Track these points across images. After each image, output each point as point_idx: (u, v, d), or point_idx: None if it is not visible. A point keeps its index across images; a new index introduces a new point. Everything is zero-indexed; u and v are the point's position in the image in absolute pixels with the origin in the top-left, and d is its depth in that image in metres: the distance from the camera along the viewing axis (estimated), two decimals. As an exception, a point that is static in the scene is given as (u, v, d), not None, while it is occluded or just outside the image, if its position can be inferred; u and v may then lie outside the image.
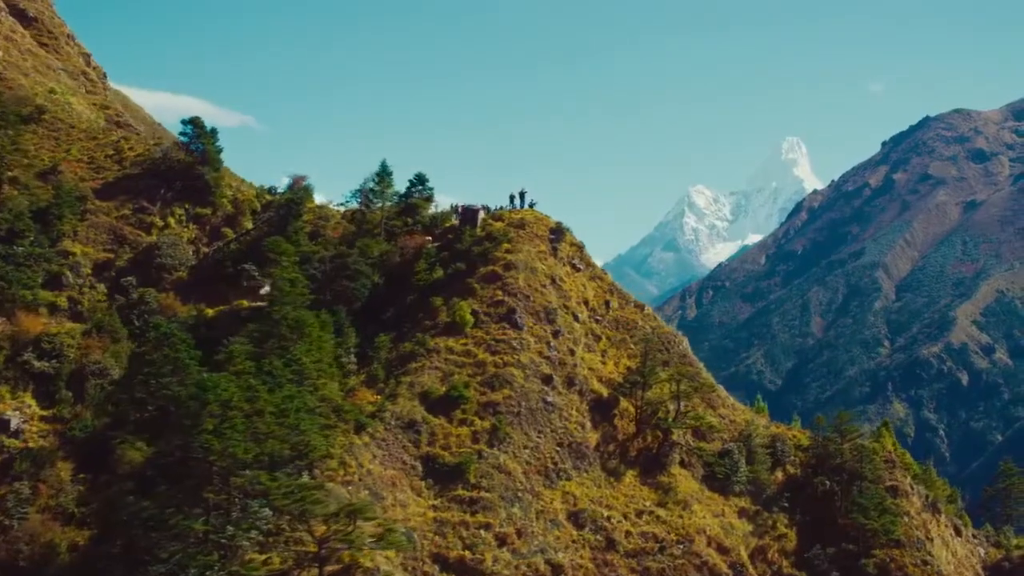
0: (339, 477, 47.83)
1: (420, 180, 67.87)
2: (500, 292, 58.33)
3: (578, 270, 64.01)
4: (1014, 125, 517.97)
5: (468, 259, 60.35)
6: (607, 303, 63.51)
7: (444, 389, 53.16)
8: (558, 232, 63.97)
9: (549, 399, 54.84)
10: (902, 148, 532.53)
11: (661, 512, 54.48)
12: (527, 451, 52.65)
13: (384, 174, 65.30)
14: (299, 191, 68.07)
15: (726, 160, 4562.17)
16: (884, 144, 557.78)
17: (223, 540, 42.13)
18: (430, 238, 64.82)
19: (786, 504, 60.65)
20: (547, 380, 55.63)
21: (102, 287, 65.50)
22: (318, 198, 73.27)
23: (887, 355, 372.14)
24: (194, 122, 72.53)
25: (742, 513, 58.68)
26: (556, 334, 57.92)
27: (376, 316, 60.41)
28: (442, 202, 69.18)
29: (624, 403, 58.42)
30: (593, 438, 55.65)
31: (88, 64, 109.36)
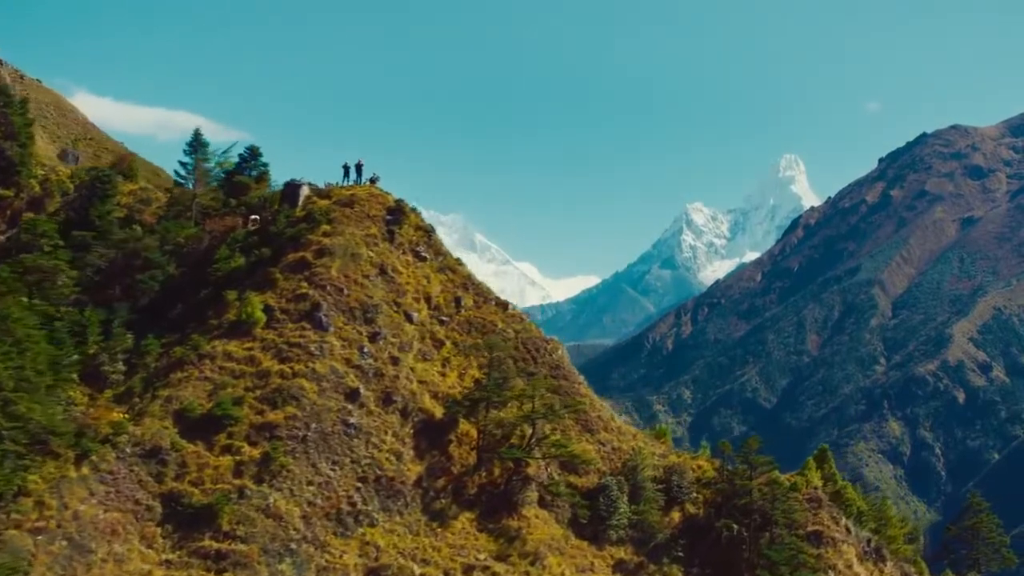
0: (31, 522, 34.43)
1: (252, 155, 54.75)
2: (305, 284, 44.86)
3: (423, 259, 50.36)
4: (1011, 141, 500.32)
5: (277, 244, 47.00)
6: (458, 300, 49.77)
7: (209, 406, 39.74)
8: (397, 212, 50.39)
9: (352, 420, 41.13)
10: (899, 164, 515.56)
11: (499, 567, 40.50)
12: (312, 488, 38.94)
13: (198, 145, 52.22)
14: (104, 170, 55.01)
15: (724, 178, 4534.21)
16: (881, 160, 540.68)
17: None
18: (256, 218, 51.61)
19: (681, 553, 46.62)
20: (352, 396, 41.93)
21: None
22: None
23: (883, 373, 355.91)
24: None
25: (619, 566, 44.61)
26: (374, 337, 44.28)
27: (167, 314, 47.22)
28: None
29: (465, 426, 44.67)
30: (414, 471, 41.84)
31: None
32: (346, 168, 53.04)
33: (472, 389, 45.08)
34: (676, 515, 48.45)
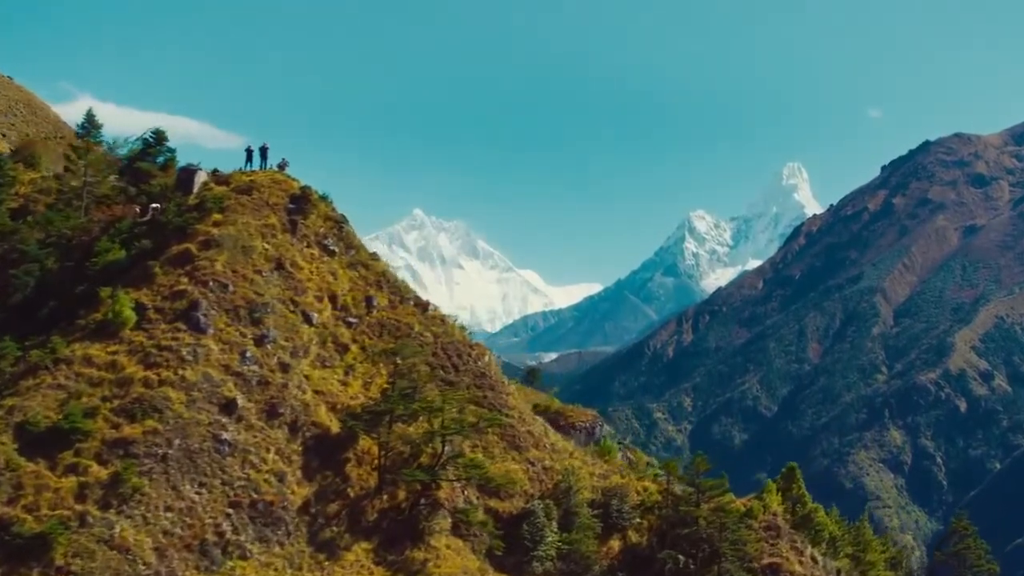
0: None
1: (158, 140, 49.05)
2: (185, 279, 39.00)
3: (331, 253, 44.47)
4: (1014, 150, 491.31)
5: (162, 234, 41.22)
6: (369, 300, 43.73)
7: (57, 418, 33.92)
8: (302, 201, 44.42)
9: (225, 436, 35.14)
10: (901, 172, 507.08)
11: (396, 608, 34.56)
12: (170, 515, 32.96)
13: (90, 127, 46.58)
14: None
15: (727, 186, 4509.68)
16: (883, 168, 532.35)
17: None
18: (157, 206, 45.79)
19: (620, 587, 40.51)
20: (228, 407, 35.95)
21: None
22: None
23: (884, 381, 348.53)
24: None
25: (544, 603, 38.56)
26: (261, 340, 38.30)
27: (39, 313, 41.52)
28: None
29: (367, 443, 38.69)
30: (300, 494, 35.86)
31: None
32: (249, 152, 47.13)
33: (378, 400, 39.12)
34: (615, 544, 42.33)
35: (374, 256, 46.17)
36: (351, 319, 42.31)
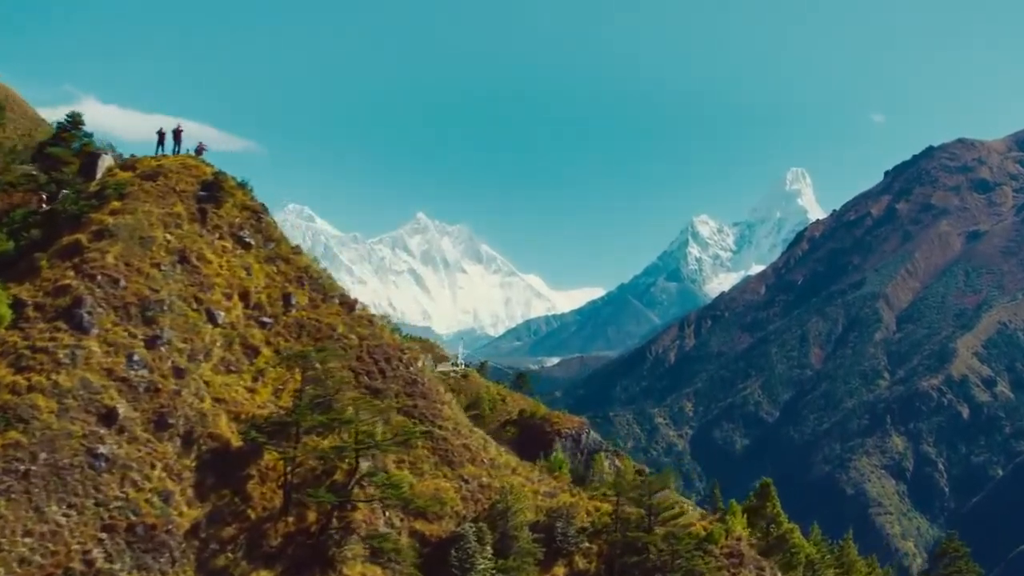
0: None
1: (73, 124, 44.69)
2: (72, 273, 34.61)
3: (247, 246, 39.98)
4: (1018, 155, 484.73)
5: (54, 224, 36.89)
6: (287, 297, 39.22)
7: (-95, 431, 29.57)
8: (214, 188, 39.97)
9: (102, 450, 30.69)
10: (905, 177, 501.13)
11: (295, 647, 29.99)
12: (30, 540, 28.44)
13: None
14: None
15: (730, 191, 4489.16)
16: (887, 174, 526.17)
17: None
18: (65, 193, 41.33)
19: (562, 620, 35.87)
20: (108, 417, 31.44)
21: None
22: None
23: (886, 387, 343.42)
24: None
25: (474, 639, 33.89)
26: (153, 341, 33.83)
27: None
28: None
29: (271, 458, 34.17)
30: (189, 516, 31.37)
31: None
32: (161, 134, 42.70)
33: (288, 409, 34.59)
34: (560, 571, 37.63)
35: (296, 250, 41.59)
36: (265, 319, 37.77)
